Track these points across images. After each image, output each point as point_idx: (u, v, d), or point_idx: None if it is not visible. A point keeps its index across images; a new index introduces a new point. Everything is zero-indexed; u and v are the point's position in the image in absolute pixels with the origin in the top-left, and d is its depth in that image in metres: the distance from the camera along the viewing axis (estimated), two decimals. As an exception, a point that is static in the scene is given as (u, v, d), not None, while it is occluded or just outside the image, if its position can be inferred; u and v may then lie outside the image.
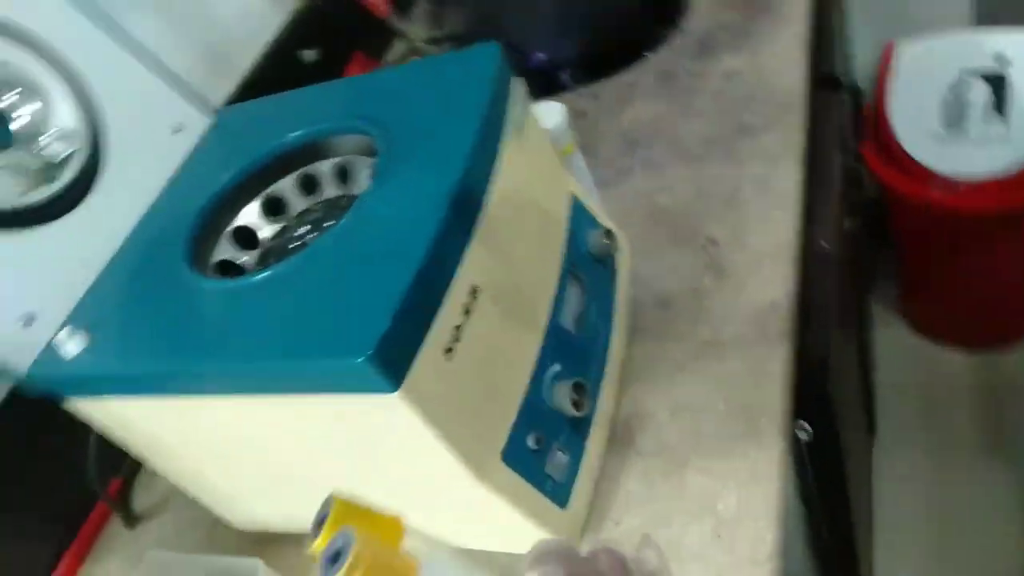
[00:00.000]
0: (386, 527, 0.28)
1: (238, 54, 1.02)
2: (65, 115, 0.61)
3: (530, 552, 0.30)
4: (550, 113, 0.71)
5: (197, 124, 0.70)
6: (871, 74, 1.43)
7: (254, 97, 0.72)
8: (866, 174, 1.39)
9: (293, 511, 0.62)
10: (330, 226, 0.56)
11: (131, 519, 0.77)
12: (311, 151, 0.62)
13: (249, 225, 0.61)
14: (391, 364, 0.42)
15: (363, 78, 0.65)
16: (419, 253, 0.45)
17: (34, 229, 0.57)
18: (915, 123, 1.33)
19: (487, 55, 0.57)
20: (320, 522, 0.29)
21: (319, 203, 0.62)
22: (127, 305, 0.55)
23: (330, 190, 0.62)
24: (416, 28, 1.20)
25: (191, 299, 0.51)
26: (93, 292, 0.57)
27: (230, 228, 0.61)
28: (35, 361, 0.54)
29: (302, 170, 0.62)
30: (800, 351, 0.62)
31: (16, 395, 0.57)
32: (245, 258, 0.60)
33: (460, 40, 1.08)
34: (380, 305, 0.42)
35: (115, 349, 0.52)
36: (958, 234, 1.39)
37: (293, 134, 0.61)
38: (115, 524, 0.77)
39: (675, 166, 0.80)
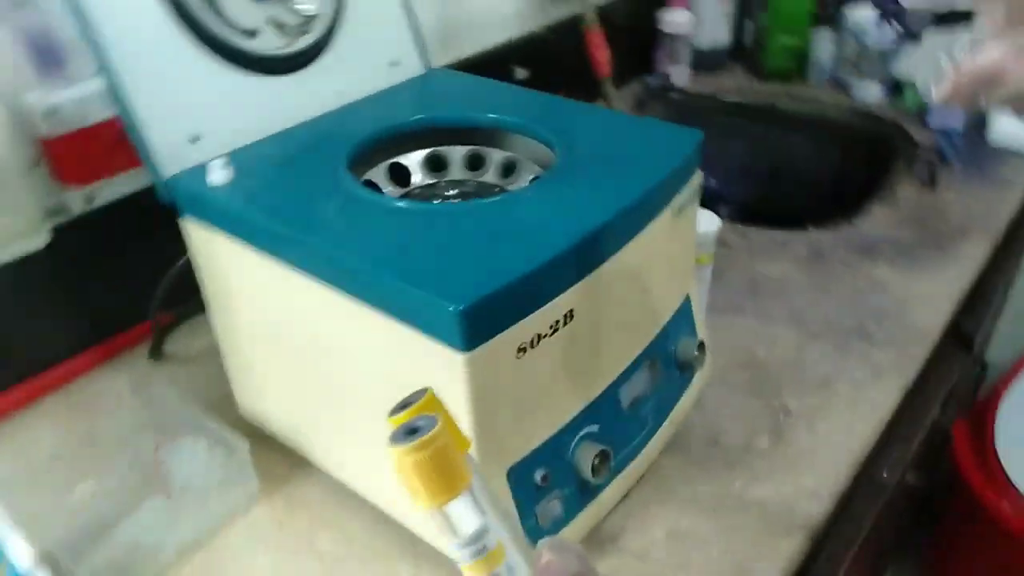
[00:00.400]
0: (459, 436, 0.30)
1: (468, 39, 1.09)
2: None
3: (551, 538, 0.31)
4: (706, 220, 0.73)
5: (410, 68, 0.75)
6: (1004, 362, 1.40)
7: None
8: (949, 449, 1.35)
9: (300, 424, 0.64)
10: (477, 200, 0.60)
11: (158, 352, 0.80)
12: (491, 135, 0.66)
13: (408, 166, 0.65)
14: (473, 328, 0.44)
15: (570, 102, 0.69)
16: (548, 255, 0.47)
17: (254, 75, 0.63)
18: (1019, 444, 1.29)
19: (689, 136, 0.60)
20: (405, 405, 0.30)
21: (475, 181, 0.66)
22: (280, 170, 0.59)
23: (490, 176, 0.66)
24: (620, 100, 1.26)
25: (334, 191, 0.55)
26: (261, 146, 0.62)
27: (392, 160, 0.65)
28: (182, 171, 0.58)
29: (475, 147, 0.66)
30: (810, 553, 0.61)
31: (146, 194, 0.61)
32: (389, 189, 0.64)
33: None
34: (496, 276, 0.45)
35: (250, 195, 0.56)
36: (1010, 559, 1.32)
37: (485, 115, 0.66)
38: (141, 352, 0.81)
39: (786, 328, 0.81)
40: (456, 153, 0.67)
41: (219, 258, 0.59)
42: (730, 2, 1.43)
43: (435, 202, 0.62)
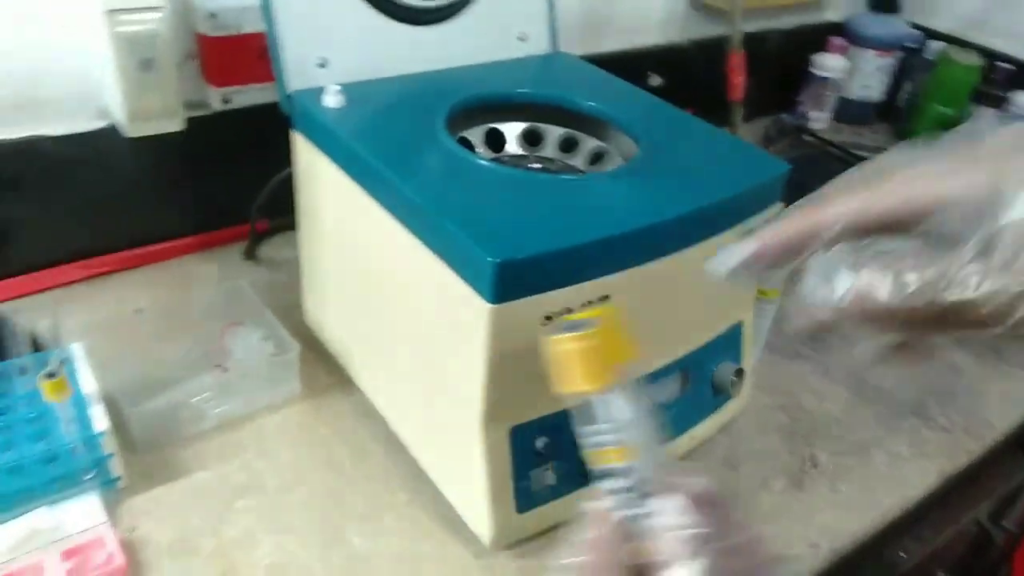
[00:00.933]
0: (621, 346, 0.32)
1: (610, 36, 1.12)
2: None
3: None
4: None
5: (537, 45, 0.79)
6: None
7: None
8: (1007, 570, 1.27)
9: (347, 341, 0.70)
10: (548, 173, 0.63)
11: (252, 253, 0.88)
12: (590, 122, 0.68)
13: (505, 134, 0.69)
14: (504, 284, 0.47)
15: (676, 110, 0.70)
16: (592, 236, 0.49)
17: (390, 19, 0.68)
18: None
19: (775, 165, 0.60)
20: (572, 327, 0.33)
21: (562, 162, 0.68)
22: (386, 109, 0.64)
23: (578, 160, 0.68)
24: (747, 129, 1.25)
25: (425, 139, 0.59)
26: (378, 84, 0.67)
27: (490, 126, 0.69)
28: (304, 89, 0.64)
29: (570, 130, 0.69)
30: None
31: (271, 108, 0.67)
32: (482, 150, 0.67)
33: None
34: (538, 241, 0.48)
35: (351, 123, 0.61)
36: None
37: (590, 103, 0.68)
38: (237, 249, 0.88)
39: (840, 386, 0.79)
40: (553, 132, 0.69)
41: (314, 172, 0.65)
42: (891, 59, 1.38)
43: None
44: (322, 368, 0.73)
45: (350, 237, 0.64)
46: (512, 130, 0.70)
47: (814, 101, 1.37)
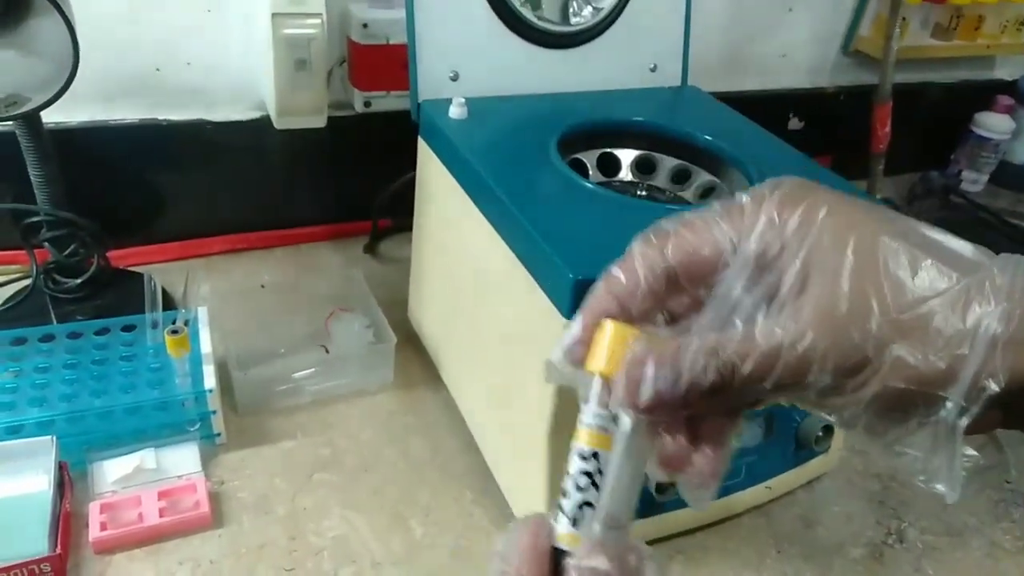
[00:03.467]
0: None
1: (754, 74, 1.10)
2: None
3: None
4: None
5: (667, 77, 0.79)
6: None
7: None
8: None
9: (441, 340, 0.73)
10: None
11: (372, 248, 0.94)
12: (704, 156, 0.68)
13: (620, 160, 0.70)
14: (580, 298, 0.48)
15: (797, 155, 0.69)
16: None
17: (524, 41, 0.71)
18: None
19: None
20: None
21: (673, 193, 0.69)
22: (505, 125, 0.67)
23: (689, 193, 0.68)
24: (889, 184, 1.19)
25: (537, 158, 0.61)
26: (504, 101, 0.70)
27: (606, 150, 0.70)
28: (433, 99, 0.68)
29: (684, 162, 0.69)
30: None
31: (405, 116, 0.72)
32: (593, 173, 0.69)
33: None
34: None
35: (469, 136, 0.64)
36: None
37: (707, 136, 0.68)
38: (359, 242, 0.94)
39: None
40: (667, 162, 0.70)
41: (430, 177, 0.69)
42: (1067, 124, 1.27)
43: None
44: (417, 362, 0.77)
45: (452, 240, 0.67)
46: (627, 156, 0.71)
47: (970, 161, 1.28)
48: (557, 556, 0.27)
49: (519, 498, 0.61)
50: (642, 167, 0.70)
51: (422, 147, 0.70)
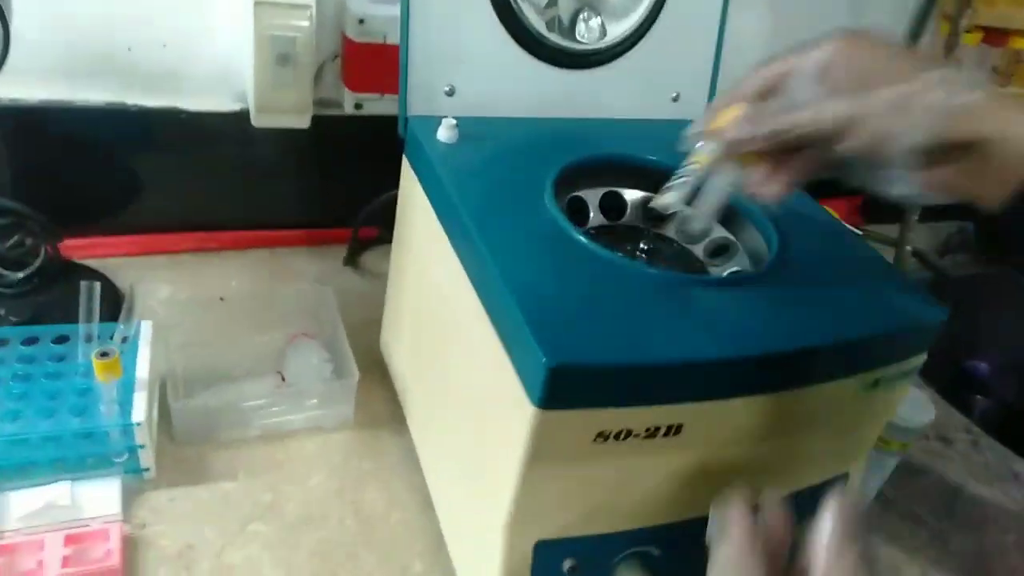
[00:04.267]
0: None
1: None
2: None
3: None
4: (919, 406, 0.62)
5: (691, 107, 0.71)
6: None
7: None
8: None
9: (408, 380, 0.66)
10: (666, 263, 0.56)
11: (353, 259, 0.86)
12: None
13: (626, 200, 0.62)
14: (555, 390, 0.40)
15: (825, 214, 0.61)
16: (672, 358, 0.42)
17: (532, 57, 0.63)
18: None
19: (929, 312, 0.50)
20: None
21: (680, 246, 0.61)
22: (498, 154, 0.59)
23: (697, 247, 0.60)
24: (921, 229, 1.11)
25: (529, 198, 0.54)
26: (502, 123, 0.62)
27: (611, 188, 0.62)
28: (424, 115, 0.61)
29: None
30: None
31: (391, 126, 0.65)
32: (594, 214, 0.61)
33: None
34: (607, 351, 0.41)
35: (456, 164, 0.56)
36: None
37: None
38: (341, 250, 0.87)
39: (953, 560, 0.67)
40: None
41: (411, 202, 0.61)
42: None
43: (617, 252, 0.58)
44: (382, 397, 0.70)
45: (427, 278, 0.60)
46: (633, 198, 0.63)
47: (1012, 217, 1.19)
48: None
49: (471, 581, 0.54)
50: (649, 211, 0.63)
51: (406, 168, 0.62)
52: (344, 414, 0.67)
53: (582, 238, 0.51)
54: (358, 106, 0.78)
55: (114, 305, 0.71)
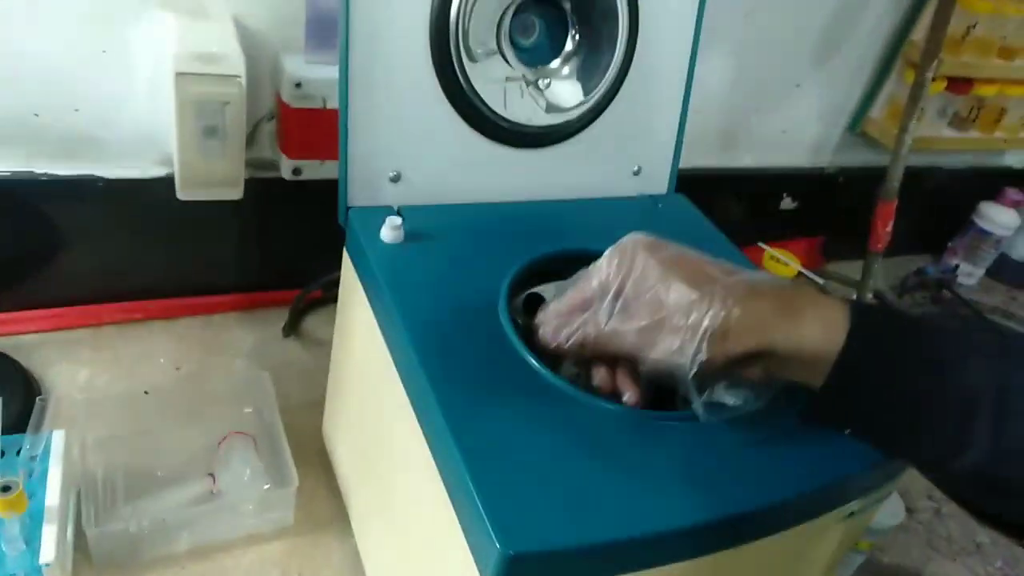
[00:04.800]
0: None
1: (750, 151, 0.98)
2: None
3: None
4: (891, 510, 0.60)
5: (651, 183, 0.68)
6: None
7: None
8: None
9: (355, 488, 0.61)
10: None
11: (292, 328, 0.80)
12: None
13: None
14: (511, 573, 0.36)
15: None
16: (641, 531, 0.38)
17: (483, 137, 0.59)
18: None
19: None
20: None
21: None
22: (448, 256, 0.54)
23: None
24: (880, 276, 1.09)
25: (487, 321, 0.49)
26: (453, 213, 0.57)
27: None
28: (366, 207, 0.55)
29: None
30: None
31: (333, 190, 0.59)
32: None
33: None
34: (586, 525, 0.38)
35: (406, 275, 0.51)
36: None
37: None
38: (278, 316, 0.81)
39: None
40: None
41: (353, 306, 0.56)
42: (1074, 225, 1.18)
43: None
44: (325, 495, 0.65)
45: (371, 393, 0.55)
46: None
47: (968, 253, 1.19)
48: None
49: None
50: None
51: (347, 264, 0.57)
52: (283, 520, 0.62)
53: (537, 365, 0.46)
54: (296, 171, 0.71)
55: (26, 394, 0.65)
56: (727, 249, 0.62)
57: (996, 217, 1.15)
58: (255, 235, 0.78)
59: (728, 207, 1.00)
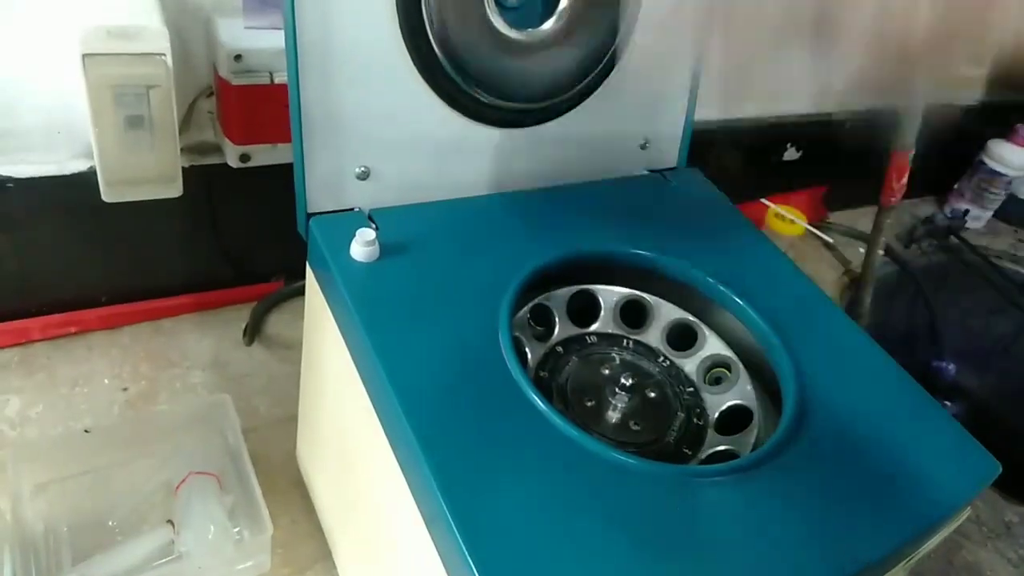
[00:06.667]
0: None
1: (750, 101, 0.89)
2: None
3: None
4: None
5: (660, 156, 0.59)
6: None
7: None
8: None
9: (336, 520, 0.53)
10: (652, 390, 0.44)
11: (254, 333, 0.71)
12: (710, 310, 0.49)
13: (600, 300, 0.50)
14: None
15: (833, 310, 0.50)
16: None
17: (468, 119, 0.49)
18: None
19: (983, 466, 0.40)
20: None
21: (668, 358, 0.49)
22: (434, 269, 0.45)
23: (689, 363, 0.49)
24: (890, 227, 1.02)
25: (481, 348, 0.41)
26: (429, 215, 0.48)
27: (582, 287, 0.49)
28: (330, 211, 0.46)
29: (686, 314, 0.49)
30: None
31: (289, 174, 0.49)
32: (558, 326, 0.48)
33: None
34: None
35: (378, 291, 0.42)
36: None
37: (721, 287, 0.48)
38: (235, 317, 0.72)
39: None
40: (662, 313, 0.50)
41: (321, 328, 0.47)
42: (1086, 160, 1.11)
43: (587, 401, 0.45)
44: (305, 532, 0.57)
45: (351, 441, 0.47)
46: (609, 297, 0.50)
47: (975, 195, 1.12)
48: None
49: None
50: (629, 315, 0.50)
51: (311, 281, 0.48)
52: (260, 566, 0.54)
53: (544, 407, 0.38)
54: (244, 158, 0.61)
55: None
56: (745, 230, 0.55)
57: (1007, 157, 1.07)
58: (203, 227, 0.68)
59: (726, 161, 0.91)
